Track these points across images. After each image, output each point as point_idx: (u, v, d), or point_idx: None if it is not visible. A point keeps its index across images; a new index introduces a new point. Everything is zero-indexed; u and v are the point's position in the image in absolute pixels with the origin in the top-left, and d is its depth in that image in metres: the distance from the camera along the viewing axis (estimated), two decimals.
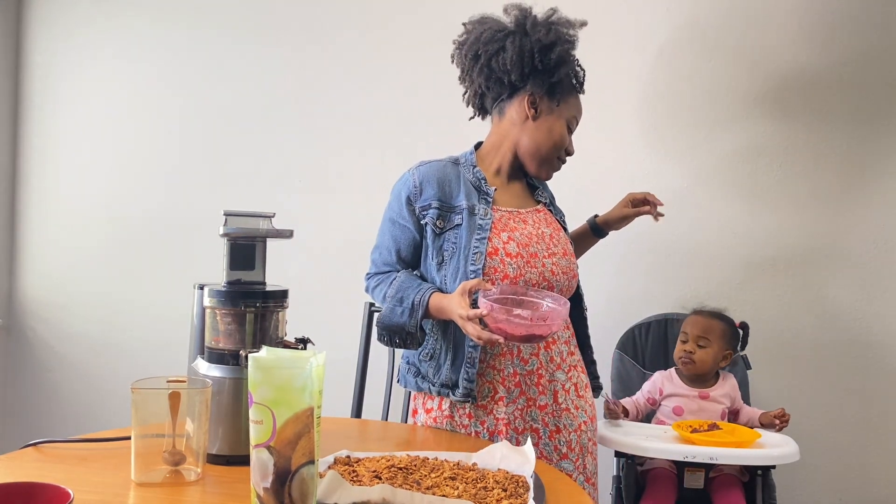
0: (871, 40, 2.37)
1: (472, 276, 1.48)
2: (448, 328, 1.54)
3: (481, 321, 1.36)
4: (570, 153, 1.67)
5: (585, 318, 1.72)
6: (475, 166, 1.62)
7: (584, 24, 1.64)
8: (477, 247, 1.50)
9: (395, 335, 1.56)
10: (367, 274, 1.70)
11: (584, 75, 1.67)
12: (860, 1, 2.38)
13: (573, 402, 1.58)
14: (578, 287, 1.69)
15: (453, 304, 1.41)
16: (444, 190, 1.57)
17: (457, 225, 1.54)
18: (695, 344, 2.09)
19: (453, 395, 1.51)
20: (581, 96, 1.68)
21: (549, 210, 1.69)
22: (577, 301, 1.68)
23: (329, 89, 2.72)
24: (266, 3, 2.76)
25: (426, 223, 1.57)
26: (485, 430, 1.51)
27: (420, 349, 1.60)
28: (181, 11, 2.82)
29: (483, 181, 1.60)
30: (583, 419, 1.60)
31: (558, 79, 1.59)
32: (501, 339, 1.34)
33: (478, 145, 1.71)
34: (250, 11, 2.77)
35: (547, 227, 1.61)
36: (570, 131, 1.66)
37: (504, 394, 1.50)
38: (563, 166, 1.71)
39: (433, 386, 1.56)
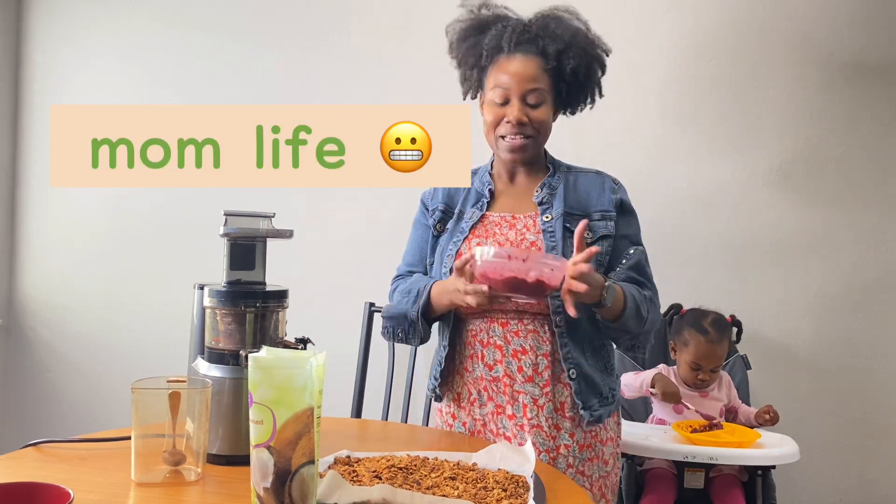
0: None
1: (443, 277, 1.52)
2: (442, 327, 1.56)
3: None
4: (512, 122, 1.49)
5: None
6: (489, 171, 1.62)
7: None
8: (451, 250, 1.54)
9: (399, 326, 1.57)
10: (393, 277, 1.69)
11: (520, 30, 1.52)
12: None
13: (551, 420, 1.45)
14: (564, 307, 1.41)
15: (449, 279, 1.45)
16: (450, 195, 1.62)
17: (447, 229, 1.59)
18: (708, 372, 2.11)
19: (428, 391, 1.59)
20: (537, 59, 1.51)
21: (547, 214, 1.52)
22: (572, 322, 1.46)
23: (329, 89, 2.72)
24: (265, 3, 2.76)
25: (430, 226, 1.62)
26: (466, 430, 1.52)
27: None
28: (181, 11, 2.81)
29: (488, 184, 1.59)
30: (565, 442, 1.46)
31: (469, 56, 1.59)
32: (485, 288, 1.32)
33: None
34: (250, 11, 2.77)
35: (534, 235, 1.49)
36: (507, 99, 1.50)
37: (476, 396, 1.51)
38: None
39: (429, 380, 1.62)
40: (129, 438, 1.12)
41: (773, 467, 2.05)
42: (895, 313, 2.37)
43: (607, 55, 1.59)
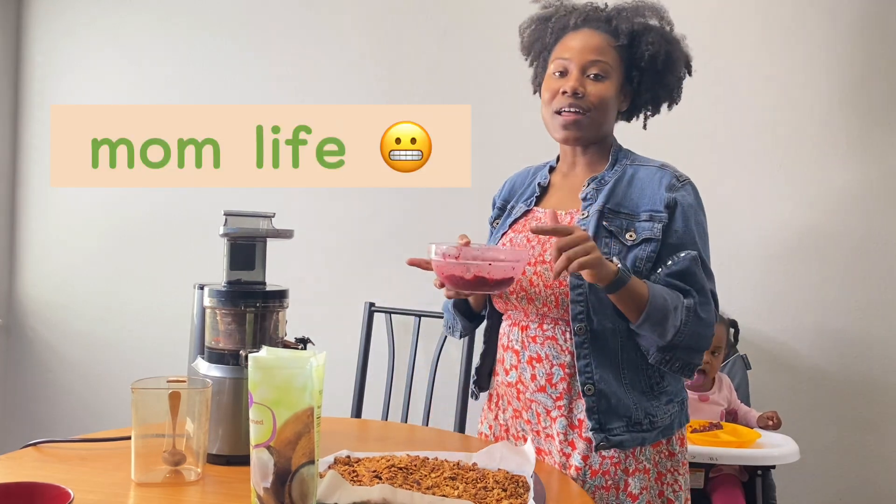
0: None
1: None
2: (485, 326, 1.54)
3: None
4: (567, 92, 1.37)
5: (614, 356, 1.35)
6: (552, 165, 1.52)
7: None
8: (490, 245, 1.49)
9: (447, 319, 1.58)
10: None
11: (591, 9, 1.44)
12: None
13: (564, 435, 1.34)
14: (587, 313, 1.31)
15: None
16: (512, 191, 1.56)
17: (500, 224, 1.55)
18: (710, 354, 2.10)
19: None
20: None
21: (586, 211, 1.39)
22: (597, 334, 1.33)
23: (329, 88, 2.72)
24: (266, 3, 2.76)
25: (490, 223, 1.57)
26: (491, 434, 1.51)
27: None
28: (181, 11, 2.82)
29: (544, 179, 1.50)
30: (576, 464, 1.32)
31: (537, 41, 1.49)
32: (437, 285, 1.31)
33: None
34: (250, 11, 2.77)
35: None
36: (566, 71, 1.39)
37: (499, 401, 1.48)
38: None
39: None
40: (129, 438, 1.12)
41: (773, 467, 2.05)
42: (895, 313, 2.37)
43: (689, 60, 1.46)
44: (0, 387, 2.95)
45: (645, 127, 1.51)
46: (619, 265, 1.22)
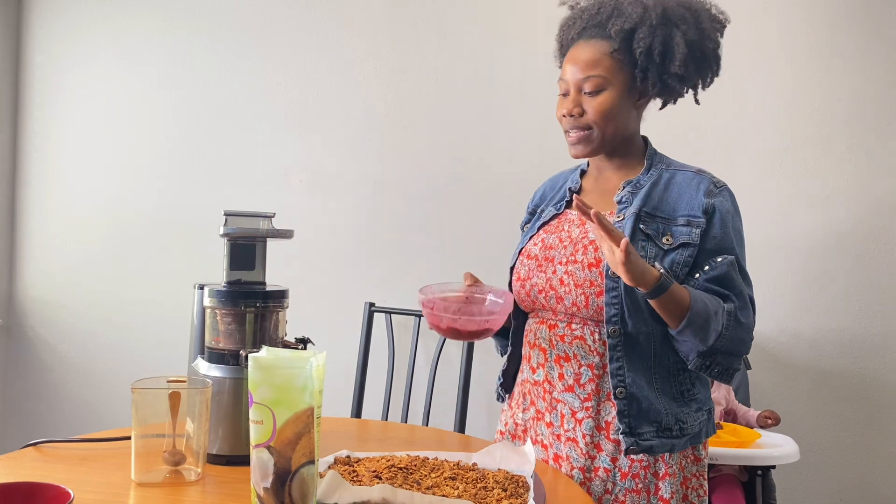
0: None
1: (508, 274, 1.48)
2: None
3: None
4: (566, 115, 1.38)
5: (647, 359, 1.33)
6: (583, 168, 1.51)
7: None
8: (521, 246, 1.48)
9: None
10: None
11: (590, 14, 1.40)
12: None
13: (589, 437, 1.32)
14: (622, 316, 1.29)
15: None
16: (543, 196, 1.55)
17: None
18: None
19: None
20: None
21: (621, 213, 1.38)
22: (626, 336, 1.31)
23: (329, 89, 2.72)
24: (265, 3, 2.76)
25: (521, 227, 1.58)
26: (507, 433, 1.49)
27: None
28: (181, 12, 2.82)
29: (575, 182, 1.49)
30: (605, 465, 1.31)
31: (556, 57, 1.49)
32: (429, 326, 1.35)
33: None
34: (250, 12, 2.77)
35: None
36: (567, 94, 1.39)
37: (521, 400, 1.46)
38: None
39: None
40: (129, 438, 1.12)
41: (773, 467, 2.05)
42: (895, 313, 2.37)
43: (720, 27, 1.38)
44: (0, 387, 2.95)
45: (697, 102, 1.45)
46: (662, 271, 1.21)
